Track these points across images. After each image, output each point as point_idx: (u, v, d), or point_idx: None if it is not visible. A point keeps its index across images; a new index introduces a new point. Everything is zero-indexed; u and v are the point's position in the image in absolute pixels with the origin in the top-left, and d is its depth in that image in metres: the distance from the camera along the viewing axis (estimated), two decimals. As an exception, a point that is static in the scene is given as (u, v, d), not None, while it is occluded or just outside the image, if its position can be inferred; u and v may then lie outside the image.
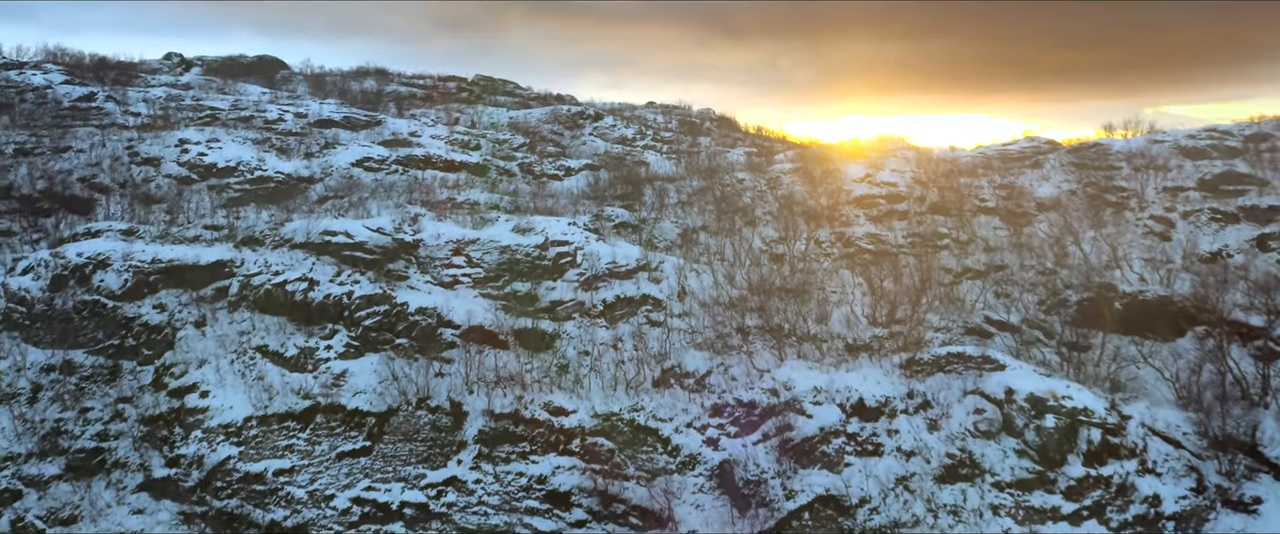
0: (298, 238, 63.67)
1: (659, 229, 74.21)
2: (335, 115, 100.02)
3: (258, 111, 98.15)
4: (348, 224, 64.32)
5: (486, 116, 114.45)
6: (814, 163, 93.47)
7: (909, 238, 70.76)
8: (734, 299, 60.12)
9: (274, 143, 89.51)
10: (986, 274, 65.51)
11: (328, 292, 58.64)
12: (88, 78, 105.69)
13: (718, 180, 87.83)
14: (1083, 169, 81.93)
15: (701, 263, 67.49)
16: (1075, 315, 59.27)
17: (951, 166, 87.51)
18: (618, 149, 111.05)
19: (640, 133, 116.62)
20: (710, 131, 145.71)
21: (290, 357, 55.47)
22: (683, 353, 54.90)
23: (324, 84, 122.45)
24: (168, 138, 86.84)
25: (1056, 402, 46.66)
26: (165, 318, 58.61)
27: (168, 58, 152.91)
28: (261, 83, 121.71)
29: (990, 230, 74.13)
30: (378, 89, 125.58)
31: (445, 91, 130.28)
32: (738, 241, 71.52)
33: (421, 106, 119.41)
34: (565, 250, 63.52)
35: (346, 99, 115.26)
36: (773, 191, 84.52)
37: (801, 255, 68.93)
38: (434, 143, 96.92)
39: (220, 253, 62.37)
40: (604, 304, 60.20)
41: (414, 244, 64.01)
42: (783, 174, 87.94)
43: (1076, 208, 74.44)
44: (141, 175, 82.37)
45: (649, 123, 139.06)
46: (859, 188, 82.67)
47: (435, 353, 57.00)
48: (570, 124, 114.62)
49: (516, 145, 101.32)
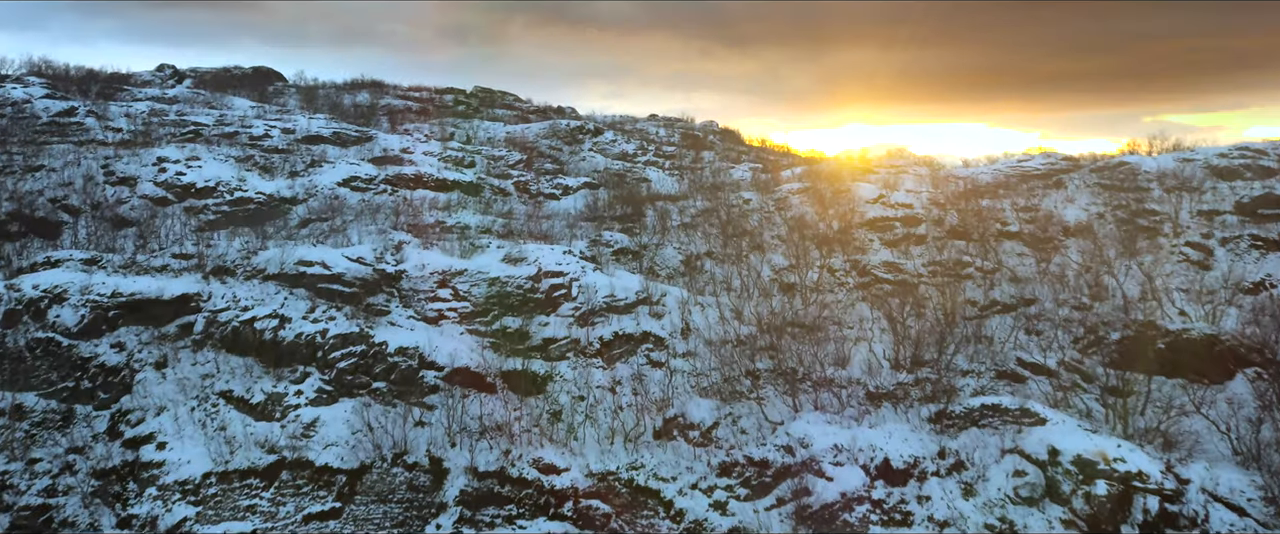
0: (271, 268, 57.99)
1: (661, 256, 68.48)
2: (324, 131, 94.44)
3: (243, 127, 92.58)
4: (325, 253, 58.64)
5: (483, 131, 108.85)
6: (823, 181, 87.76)
7: (929, 266, 64.93)
8: (743, 337, 54.36)
9: (257, 161, 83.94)
10: (1015, 308, 59.66)
11: (300, 330, 52.95)
12: (72, 91, 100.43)
13: (723, 200, 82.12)
14: (1110, 190, 76.10)
15: (707, 294, 61.75)
16: (1115, 356, 53.40)
17: (969, 187, 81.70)
18: (618, 165, 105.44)
19: (642, 148, 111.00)
20: (713, 145, 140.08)
21: (256, 403, 49.74)
22: (687, 400, 49.10)
23: (316, 97, 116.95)
24: (146, 155, 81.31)
25: (1107, 465, 40.81)
26: (123, 358, 52.90)
27: (160, 69, 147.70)
28: (254, 96, 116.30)
29: (1015, 257, 68.32)
30: (372, 102, 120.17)
31: (442, 105, 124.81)
32: (745, 270, 65.76)
33: (417, 120, 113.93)
34: (559, 282, 57.77)
35: (338, 113, 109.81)
36: (781, 213, 78.79)
37: (814, 285, 63.18)
38: (426, 160, 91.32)
39: (187, 285, 56.68)
40: (601, 342, 54.44)
41: (396, 275, 58.30)
42: (791, 194, 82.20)
43: (1107, 233, 68.62)
44: (115, 196, 76.80)
45: (651, 137, 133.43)
46: (872, 209, 76.90)
47: (416, 398, 51.29)
48: (569, 139, 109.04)
49: (513, 162, 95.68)
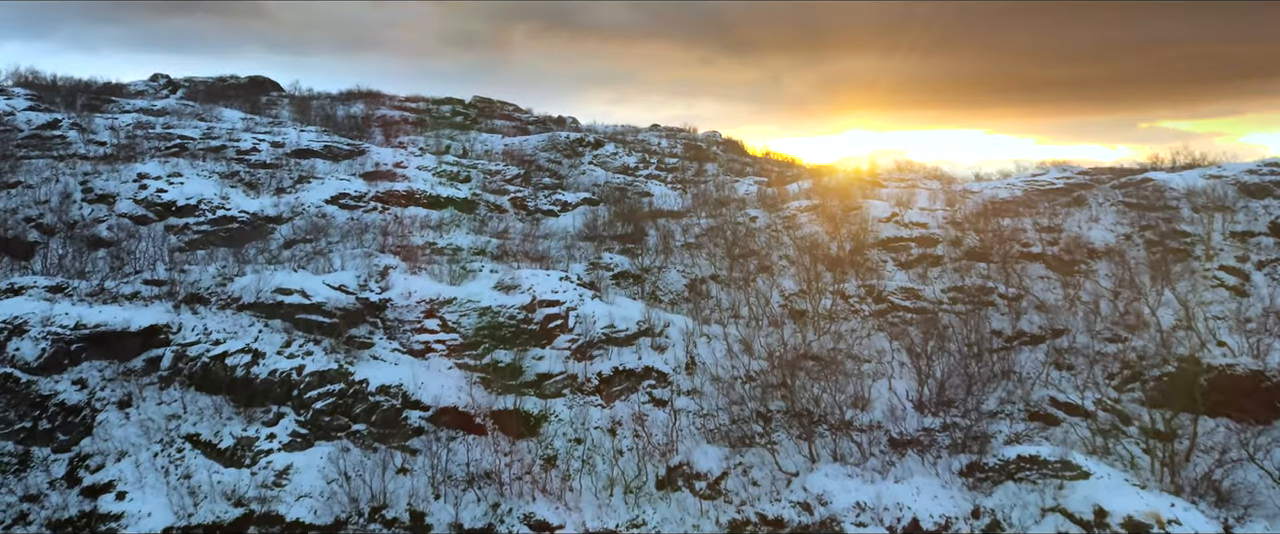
0: (247, 297, 53.51)
1: (664, 279, 63.93)
2: (315, 144, 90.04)
3: (231, 140, 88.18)
4: (305, 280, 54.14)
5: (480, 144, 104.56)
6: (831, 197, 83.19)
7: (949, 292, 60.29)
8: (752, 373, 49.79)
9: (243, 176, 79.48)
10: (1044, 339, 55.08)
11: (274, 366, 48.48)
12: (57, 103, 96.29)
13: (728, 218, 77.56)
14: (1134, 209, 71.50)
15: (713, 323, 57.19)
16: (1155, 394, 48.86)
17: (987, 205, 77.11)
18: (619, 179, 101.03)
19: (643, 160, 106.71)
20: (716, 157, 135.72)
21: (225, 448, 45.27)
22: (693, 446, 44.55)
23: (310, 108, 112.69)
24: (126, 171, 76.92)
25: (1161, 528, 36.21)
26: (85, 396, 48.39)
27: (154, 79, 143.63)
28: (246, 107, 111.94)
29: (1039, 282, 63.68)
30: (367, 113, 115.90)
31: (439, 116, 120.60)
32: (753, 295, 61.19)
33: (413, 132, 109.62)
34: (555, 311, 53.22)
35: (331, 125, 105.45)
36: (789, 232, 74.21)
37: (827, 313, 58.59)
38: (420, 175, 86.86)
39: (156, 315, 52.16)
40: (599, 378, 49.88)
41: (381, 304, 53.81)
42: (799, 211, 77.61)
43: (1136, 257, 64.00)
44: (92, 215, 72.41)
45: (652, 148, 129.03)
46: (885, 228, 72.33)
47: (398, 441, 46.80)
48: (569, 152, 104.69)
49: (510, 177, 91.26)
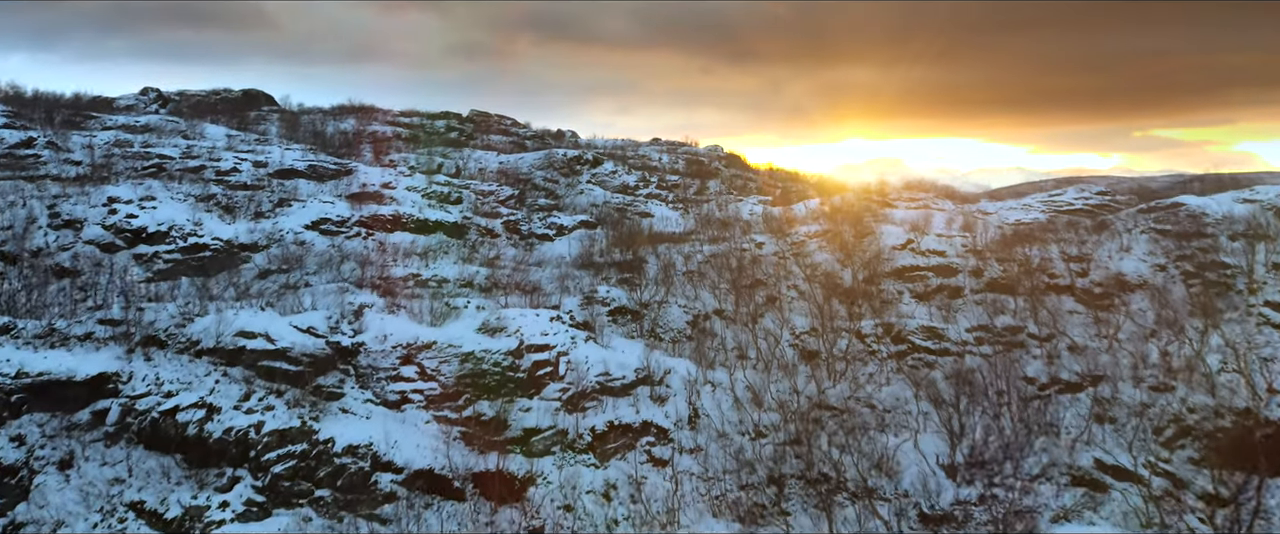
0: (206, 340, 48.05)
1: (664, 316, 58.32)
2: (299, 163, 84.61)
3: (211, 160, 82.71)
4: (270, 322, 48.64)
5: (474, 162, 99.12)
6: (841, 219, 77.72)
7: (975, 332, 54.71)
8: (763, 428, 44.24)
9: (220, 199, 74.01)
10: (1082, 387, 49.53)
11: (230, 424, 42.99)
12: (37, 119, 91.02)
13: (733, 244, 72.04)
14: (1166, 236, 65.90)
15: (718, 367, 51.65)
16: (1210, 454, 43.29)
17: (1008, 231, 71.55)
18: (618, 199, 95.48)
19: (643, 179, 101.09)
20: (718, 172, 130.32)
21: (171, 518, 39.70)
22: (696, 516, 39.00)
23: (299, 124, 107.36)
24: (96, 195, 71.38)
25: (1245, 631, 30.67)
26: (23, 455, 42.82)
27: (144, 93, 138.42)
28: (234, 122, 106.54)
29: (1069, 317, 58.09)
30: (359, 129, 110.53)
31: (432, 131, 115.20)
32: (761, 335, 55.62)
33: (405, 148, 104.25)
34: (545, 357, 47.68)
35: (320, 142, 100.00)
36: (798, 260, 68.68)
37: (842, 354, 53.00)
38: (408, 196, 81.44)
39: (105, 362, 46.62)
40: (593, 434, 44.32)
41: (353, 349, 48.30)
42: (808, 237, 72.07)
43: (1173, 291, 58.42)
44: (57, 242, 66.90)
45: (653, 164, 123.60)
46: (901, 256, 66.75)
47: (367, 507, 41.26)
48: (566, 170, 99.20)
49: (504, 198, 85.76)
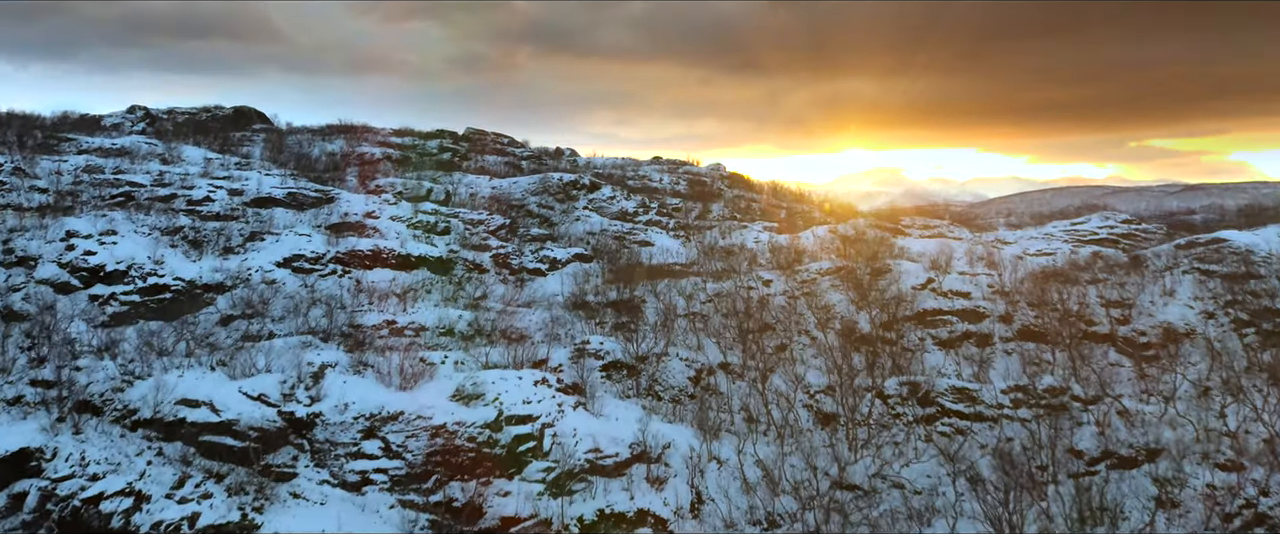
0: (144, 409, 41.63)
1: (663, 371, 51.70)
2: (278, 191, 78.10)
3: (183, 188, 76.29)
4: (216, 388, 42.18)
5: (465, 186, 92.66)
6: (853, 250, 71.22)
7: (1011, 393, 48.06)
8: (776, 516, 37.67)
9: (188, 233, 67.49)
10: (1138, 463, 42.95)
11: (160, 516, 36.40)
12: (10, 143, 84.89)
13: (738, 281, 65.50)
14: (1212, 277, 59.27)
15: (724, 432, 45.09)
16: (1297, 550, 36.82)
17: (1036, 269, 64.95)
18: (616, 227, 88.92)
19: (643, 205, 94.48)
20: (721, 193, 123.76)
21: (83, 635, 33.52)
22: (700, 637, 32.42)
23: (284, 146, 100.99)
24: (55, 228, 64.92)
25: None
26: (-79, 549, 36.68)
27: (131, 112, 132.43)
28: (216, 144, 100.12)
29: (1112, 371, 51.45)
30: (346, 151, 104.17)
31: (424, 153, 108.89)
32: (772, 396, 49.01)
33: (395, 171, 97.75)
34: (527, 430, 41.10)
35: (304, 165, 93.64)
36: (809, 300, 62.13)
37: (864, 419, 46.39)
38: (392, 227, 74.98)
39: (28, 435, 40.13)
40: (581, 525, 37.73)
41: (309, 421, 41.82)
42: (819, 275, 65.50)
43: (1228, 344, 51.74)
44: (8, 282, 60.35)
45: (654, 186, 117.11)
46: (922, 297, 60.17)
47: (316, 619, 34.96)
48: (562, 196, 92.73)
49: (495, 228, 79.28)
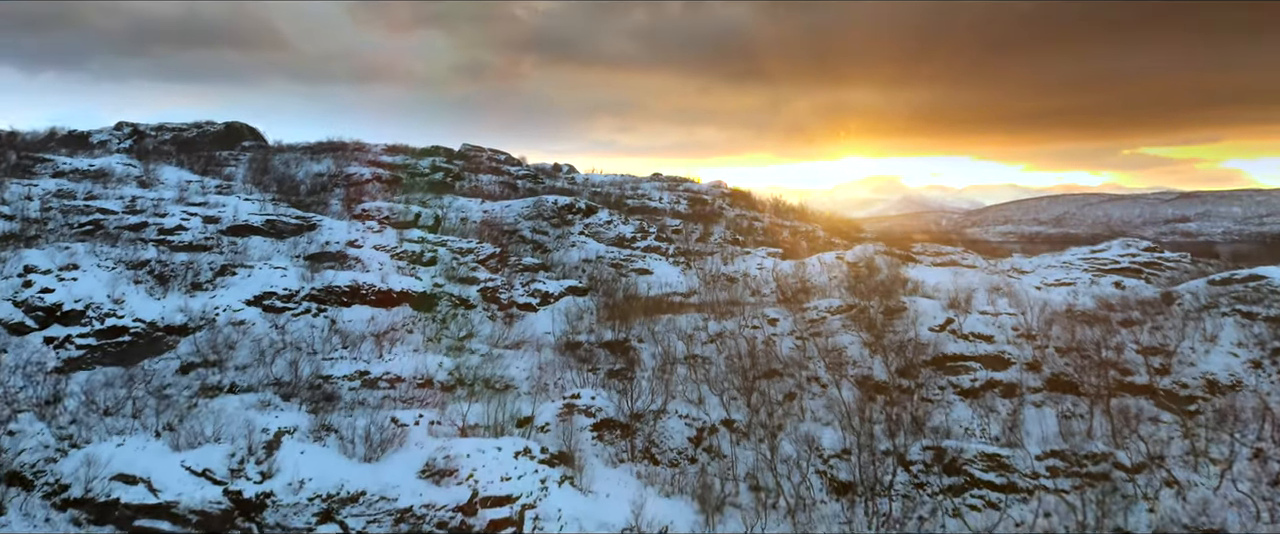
0: (76, 487, 36.38)
1: (661, 430, 46.25)
2: (257, 218, 72.85)
3: (156, 216, 71.20)
4: (157, 461, 36.91)
5: (456, 210, 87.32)
6: (865, 287, 65.84)
7: (1046, 459, 42.60)
8: (788, 620, 32.22)
9: (154, 267, 62.07)
10: (1197, 548, 37.76)
11: (75, 625, 31.50)
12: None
13: (743, 320, 60.11)
14: (1254, 320, 53.84)
15: (728, 505, 39.70)
16: None
17: (1060, 307, 59.52)
18: (613, 253, 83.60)
19: (641, 229, 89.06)
20: (722, 214, 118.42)
21: None
22: None
23: (269, 168, 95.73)
24: (13, 262, 59.66)
25: None
26: None
27: (118, 128, 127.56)
28: (201, 165, 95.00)
29: (1154, 429, 46.03)
30: (336, 170, 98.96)
31: (416, 173, 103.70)
32: (782, 464, 43.57)
33: (384, 194, 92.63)
34: (505, 513, 35.69)
35: (287, 187, 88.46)
36: (818, 341, 56.76)
37: (885, 490, 40.96)
38: (376, 257, 69.75)
39: (-60, 517, 35.20)
40: (564, 632, 32.41)
41: (259, 501, 36.48)
42: (829, 313, 60.14)
43: (1276, 395, 46.36)
44: (-45, 323, 55.51)
45: (653, 205, 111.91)
46: (941, 339, 54.75)
47: None
48: (557, 220, 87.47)
49: (484, 256, 74.01)
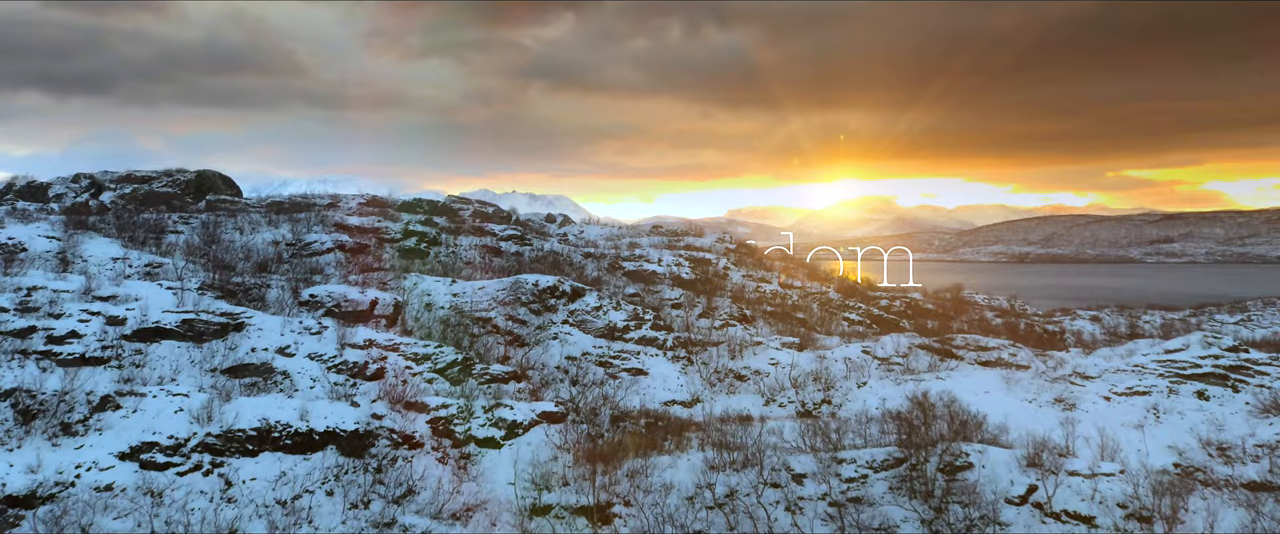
0: None
1: None
2: (171, 319, 57.85)
3: (50, 314, 56.45)
4: None
5: (421, 295, 72.31)
6: (914, 436, 50.50)
7: None
8: None
9: (21, 399, 47.12)
10: None
11: None
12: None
13: (759, 479, 44.81)
14: None
15: None
16: None
17: (1184, 471, 44.10)
18: (601, 348, 68.49)
19: (635, 316, 73.63)
20: (726, 276, 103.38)
21: None
22: None
23: (217, 236, 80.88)
24: None
25: None
26: None
27: (76, 180, 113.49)
28: (142, 234, 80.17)
29: None
30: (293, 240, 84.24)
31: (386, 240, 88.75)
32: None
33: (342, 270, 77.66)
34: None
35: (228, 266, 73.58)
36: (857, 508, 41.49)
37: None
38: (306, 372, 54.71)
39: None
40: None
41: None
42: (871, 468, 44.77)
43: None
44: None
45: (650, 271, 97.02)
46: (1022, 516, 39.41)
47: None
48: (539, 305, 72.27)
49: (444, 364, 58.85)
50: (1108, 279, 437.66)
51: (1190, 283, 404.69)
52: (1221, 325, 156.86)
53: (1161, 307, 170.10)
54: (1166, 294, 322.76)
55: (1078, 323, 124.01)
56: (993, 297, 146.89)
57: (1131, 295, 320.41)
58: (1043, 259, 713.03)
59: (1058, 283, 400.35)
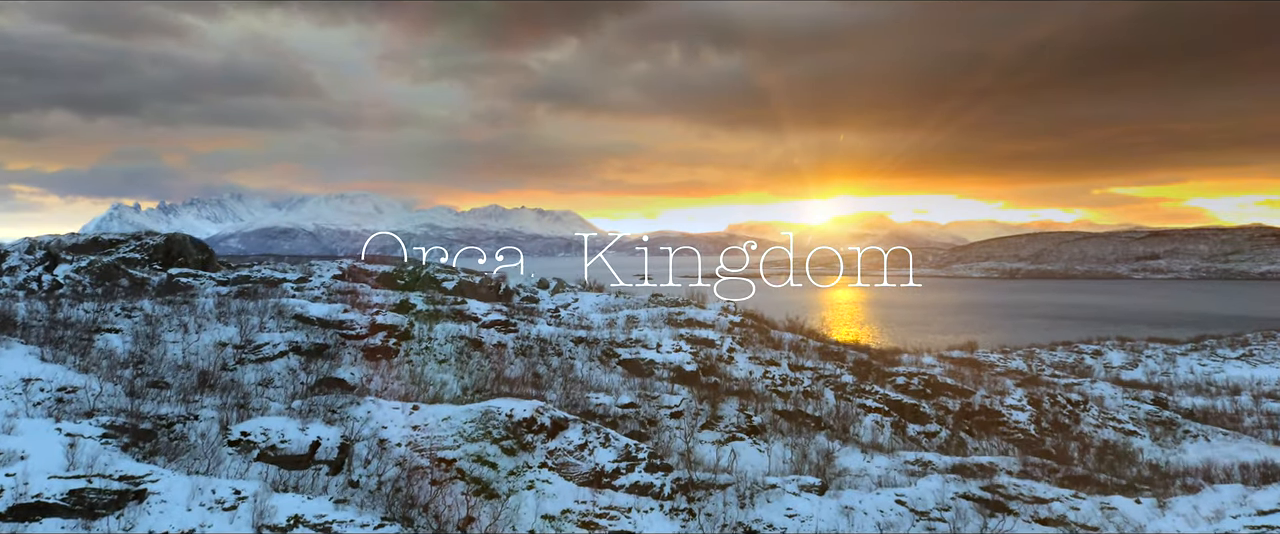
0: None
1: None
2: (57, 490, 43.43)
3: (-96, 489, 43.51)
4: None
5: (373, 427, 58.79)
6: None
7: None
8: None
9: None
10: None
11: None
12: None
13: None
14: None
15: None
16: None
17: None
18: (585, 502, 55.43)
19: (627, 456, 59.81)
20: (731, 363, 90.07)
21: None
22: None
23: (158, 337, 67.86)
24: None
25: None
26: None
27: (30, 251, 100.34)
28: (71, 336, 67.22)
29: None
30: (242, 342, 71.02)
31: (349, 336, 75.32)
32: None
33: (305, 369, 64.53)
34: None
35: (162, 381, 60.59)
36: None
37: None
38: (212, 573, 42.12)
39: None
40: None
41: None
42: None
43: None
44: None
45: (647, 359, 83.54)
46: None
47: None
48: (512, 444, 58.02)
49: (388, 546, 46.09)
50: (1098, 297, 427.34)
51: (1179, 300, 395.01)
52: (1224, 361, 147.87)
53: (1162, 340, 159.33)
54: (1158, 313, 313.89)
55: (1097, 387, 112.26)
56: (1008, 354, 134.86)
57: (1124, 314, 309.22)
58: (1033, 275, 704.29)
59: (1051, 301, 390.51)
